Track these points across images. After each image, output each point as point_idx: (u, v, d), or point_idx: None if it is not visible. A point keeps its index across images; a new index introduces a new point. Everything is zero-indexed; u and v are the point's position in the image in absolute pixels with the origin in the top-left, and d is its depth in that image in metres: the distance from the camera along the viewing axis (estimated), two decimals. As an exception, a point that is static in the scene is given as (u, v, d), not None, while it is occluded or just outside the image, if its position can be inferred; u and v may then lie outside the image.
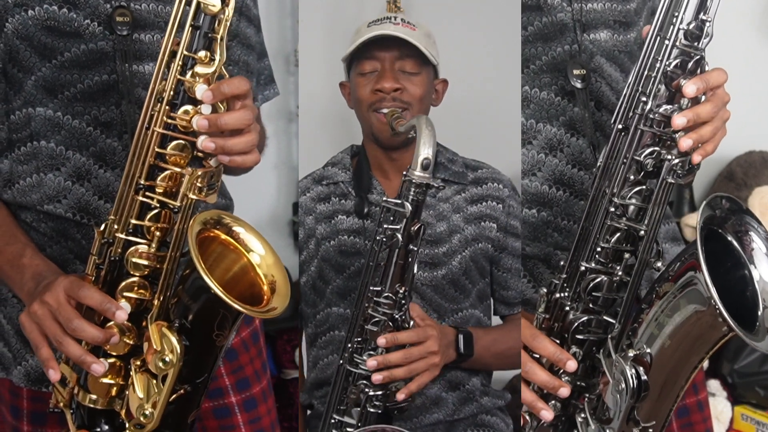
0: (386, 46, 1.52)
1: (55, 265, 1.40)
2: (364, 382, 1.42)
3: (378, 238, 1.40)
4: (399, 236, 1.38)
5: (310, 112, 1.61)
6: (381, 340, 1.41)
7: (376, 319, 1.41)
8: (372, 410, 1.43)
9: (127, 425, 1.31)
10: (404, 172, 1.39)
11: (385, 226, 1.39)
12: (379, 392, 1.42)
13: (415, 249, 1.40)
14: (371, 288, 1.41)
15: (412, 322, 1.44)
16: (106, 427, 1.34)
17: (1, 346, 1.51)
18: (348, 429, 1.43)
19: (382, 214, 1.40)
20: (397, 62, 1.52)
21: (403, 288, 1.41)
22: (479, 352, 1.52)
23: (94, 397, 1.32)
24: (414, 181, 1.38)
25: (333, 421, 1.45)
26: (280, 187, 2.73)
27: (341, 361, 1.44)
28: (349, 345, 1.43)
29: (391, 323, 1.41)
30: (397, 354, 1.42)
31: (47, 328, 1.27)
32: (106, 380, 1.31)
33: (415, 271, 1.42)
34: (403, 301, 1.41)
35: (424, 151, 1.37)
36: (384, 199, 1.41)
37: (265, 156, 1.62)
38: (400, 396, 1.42)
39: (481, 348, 1.52)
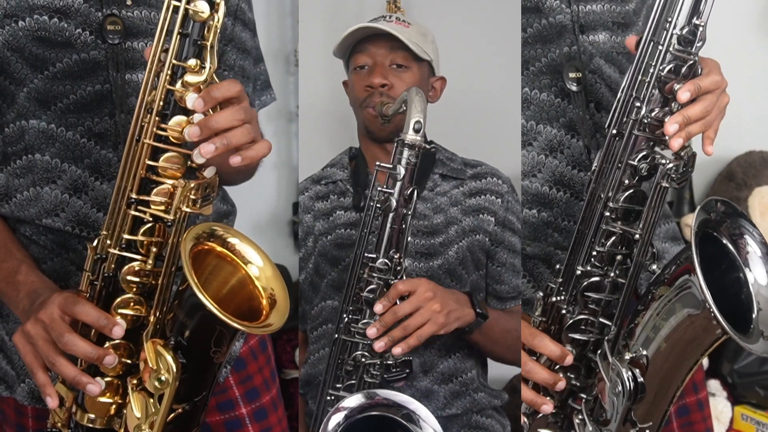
0: (377, 41, 1.53)
1: (51, 282, 1.37)
2: (360, 352, 1.41)
3: (371, 204, 1.39)
4: (393, 200, 1.38)
5: (310, 112, 1.62)
6: (377, 307, 1.38)
7: (372, 286, 1.39)
8: (369, 380, 1.41)
9: (126, 445, 1.27)
10: (396, 139, 1.38)
11: (378, 189, 1.38)
12: (376, 361, 1.41)
13: (409, 214, 1.39)
14: (366, 255, 1.39)
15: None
16: (106, 447, 1.30)
17: (5, 363, 1.48)
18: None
19: (374, 179, 1.40)
20: (388, 56, 1.53)
21: (397, 254, 1.40)
22: (488, 325, 1.49)
23: (92, 416, 1.29)
24: (407, 142, 1.37)
25: (330, 398, 1.43)
26: (280, 187, 2.72)
27: (336, 335, 1.42)
28: (344, 315, 1.41)
29: (386, 289, 1.40)
30: (387, 314, 1.39)
31: (40, 348, 1.23)
32: (103, 399, 1.28)
33: (409, 239, 1.41)
34: (398, 267, 1.40)
35: (416, 115, 1.37)
36: (378, 163, 1.40)
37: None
38: (396, 350, 1.39)
39: (486, 325, 1.49)
